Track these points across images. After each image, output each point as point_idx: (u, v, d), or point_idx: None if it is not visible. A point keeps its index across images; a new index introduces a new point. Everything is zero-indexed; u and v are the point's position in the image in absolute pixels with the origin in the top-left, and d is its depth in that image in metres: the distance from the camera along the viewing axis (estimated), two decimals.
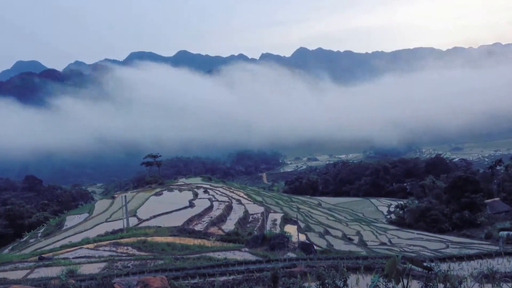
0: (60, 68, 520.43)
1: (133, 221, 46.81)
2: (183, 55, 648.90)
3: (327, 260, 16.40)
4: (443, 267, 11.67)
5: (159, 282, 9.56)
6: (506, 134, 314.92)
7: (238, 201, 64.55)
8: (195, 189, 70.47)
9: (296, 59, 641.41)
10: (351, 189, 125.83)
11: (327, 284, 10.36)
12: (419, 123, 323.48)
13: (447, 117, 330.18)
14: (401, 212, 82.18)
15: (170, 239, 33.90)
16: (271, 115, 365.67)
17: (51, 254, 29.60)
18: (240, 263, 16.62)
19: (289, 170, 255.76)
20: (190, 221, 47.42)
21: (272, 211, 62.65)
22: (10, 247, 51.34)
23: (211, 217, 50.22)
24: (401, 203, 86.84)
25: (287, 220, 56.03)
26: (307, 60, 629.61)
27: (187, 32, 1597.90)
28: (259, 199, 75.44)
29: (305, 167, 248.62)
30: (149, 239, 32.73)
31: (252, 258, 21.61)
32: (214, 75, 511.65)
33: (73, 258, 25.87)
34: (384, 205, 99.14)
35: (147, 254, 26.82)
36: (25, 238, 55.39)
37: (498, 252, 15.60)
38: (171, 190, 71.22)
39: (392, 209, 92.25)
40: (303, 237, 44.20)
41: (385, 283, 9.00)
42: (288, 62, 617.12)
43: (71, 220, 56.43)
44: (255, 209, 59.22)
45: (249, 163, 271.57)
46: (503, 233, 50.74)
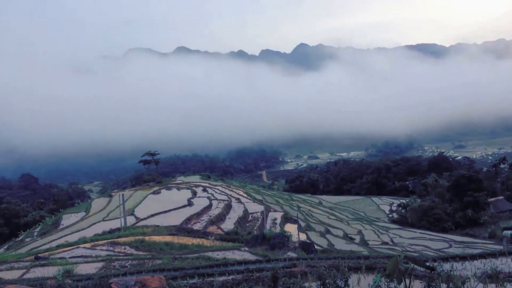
0: None
1: (131, 220, 46.39)
2: (181, 51, 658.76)
3: (328, 259, 16.29)
4: (446, 267, 11.52)
5: (157, 282, 9.38)
6: (510, 131, 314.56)
7: (237, 199, 64.10)
8: (194, 188, 69.87)
9: (296, 55, 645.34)
10: (353, 188, 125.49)
11: (328, 284, 10.27)
12: (422, 120, 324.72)
13: (452, 114, 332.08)
14: (403, 211, 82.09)
15: (168, 239, 33.67)
16: (271, 113, 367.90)
17: (47, 253, 29.32)
18: (239, 263, 16.45)
19: (290, 168, 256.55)
20: (188, 220, 47.02)
21: (272, 210, 62.30)
22: (5, 247, 50.68)
23: (210, 216, 49.83)
24: (403, 201, 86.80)
25: (287, 219, 55.68)
26: (308, 56, 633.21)
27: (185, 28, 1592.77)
28: (259, 197, 75.08)
29: (305, 165, 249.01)
30: (147, 238, 32.50)
31: (251, 257, 21.40)
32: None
33: (70, 257, 25.58)
34: (386, 204, 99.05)
35: (145, 253, 26.60)
36: (21, 237, 54.71)
37: (502, 251, 15.50)
38: (169, 188, 70.57)
39: (394, 208, 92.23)
40: (303, 237, 43.93)
41: (387, 283, 8.84)
42: (288, 58, 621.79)
43: (68, 219, 55.73)
44: (255, 208, 58.82)
45: (248, 161, 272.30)
46: (507, 232, 50.39)
